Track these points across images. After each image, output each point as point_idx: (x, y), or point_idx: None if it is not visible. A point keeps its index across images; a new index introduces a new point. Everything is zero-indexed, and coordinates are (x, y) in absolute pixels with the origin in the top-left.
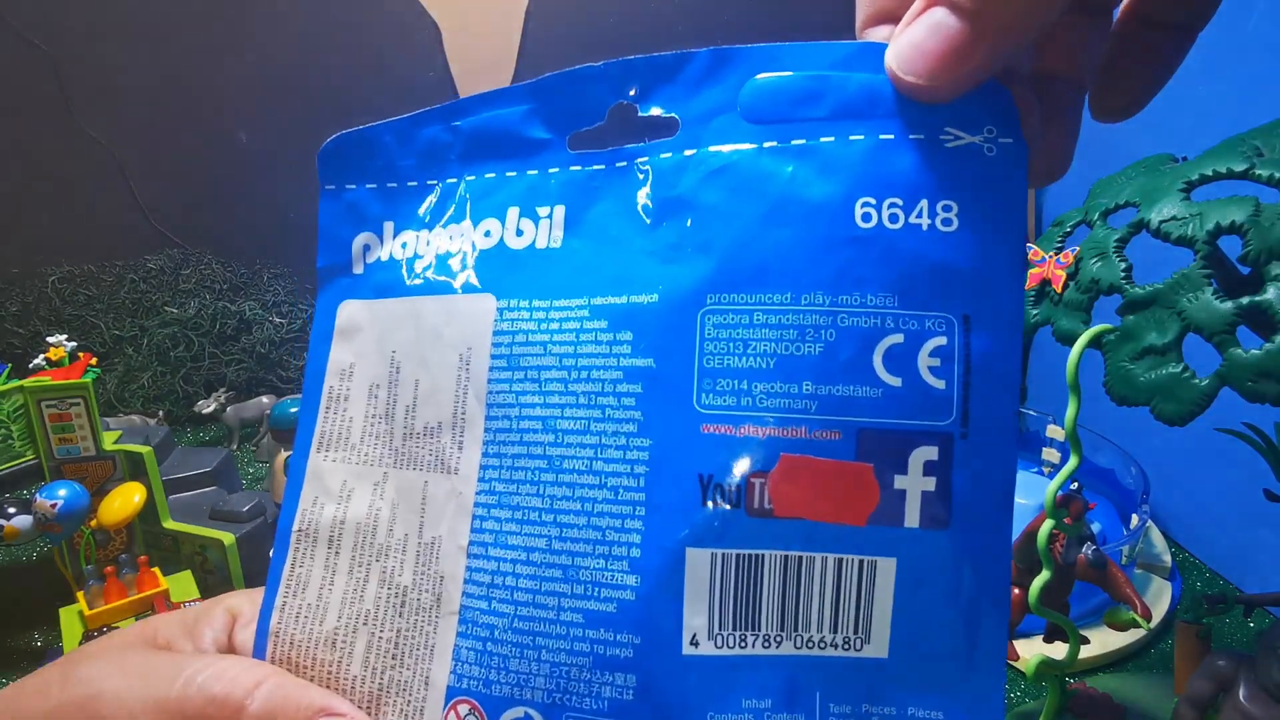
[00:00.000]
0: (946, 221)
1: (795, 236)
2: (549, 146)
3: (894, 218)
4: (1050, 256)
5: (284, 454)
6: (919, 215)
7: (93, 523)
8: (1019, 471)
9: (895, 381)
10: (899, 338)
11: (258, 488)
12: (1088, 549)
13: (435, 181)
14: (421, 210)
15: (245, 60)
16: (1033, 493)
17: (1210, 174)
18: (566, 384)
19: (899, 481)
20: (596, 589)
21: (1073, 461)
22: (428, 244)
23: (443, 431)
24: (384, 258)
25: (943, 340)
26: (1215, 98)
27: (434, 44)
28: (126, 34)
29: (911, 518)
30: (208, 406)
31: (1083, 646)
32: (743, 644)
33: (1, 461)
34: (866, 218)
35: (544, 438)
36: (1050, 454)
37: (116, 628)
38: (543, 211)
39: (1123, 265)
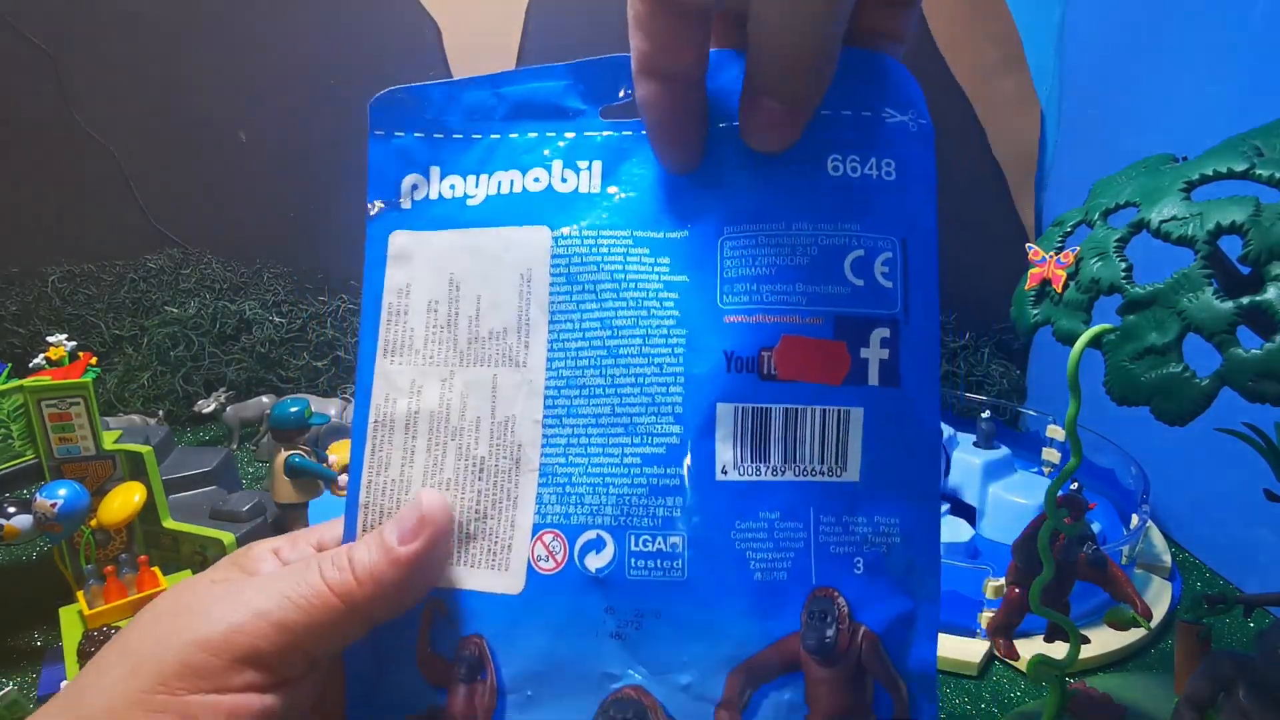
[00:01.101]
0: (888, 173)
1: (785, 183)
2: (584, 115)
3: (854, 169)
4: (1050, 256)
5: (284, 454)
6: (871, 168)
7: (93, 522)
8: (1020, 472)
9: (859, 282)
10: (861, 252)
11: (258, 487)
12: (1088, 548)
13: (480, 135)
14: (468, 158)
15: (245, 60)
16: (1033, 493)
17: (1210, 174)
18: (618, 293)
19: (864, 353)
20: (650, 438)
21: (1073, 461)
22: (477, 185)
23: (508, 335)
24: (432, 196)
25: (890, 254)
26: (1215, 98)
27: (434, 44)
28: (126, 34)
29: (873, 378)
30: (208, 406)
31: (1083, 646)
32: (758, 473)
33: (1, 461)
34: (835, 169)
35: (602, 333)
36: (1050, 454)
37: (117, 628)
38: (582, 164)
39: (1123, 265)
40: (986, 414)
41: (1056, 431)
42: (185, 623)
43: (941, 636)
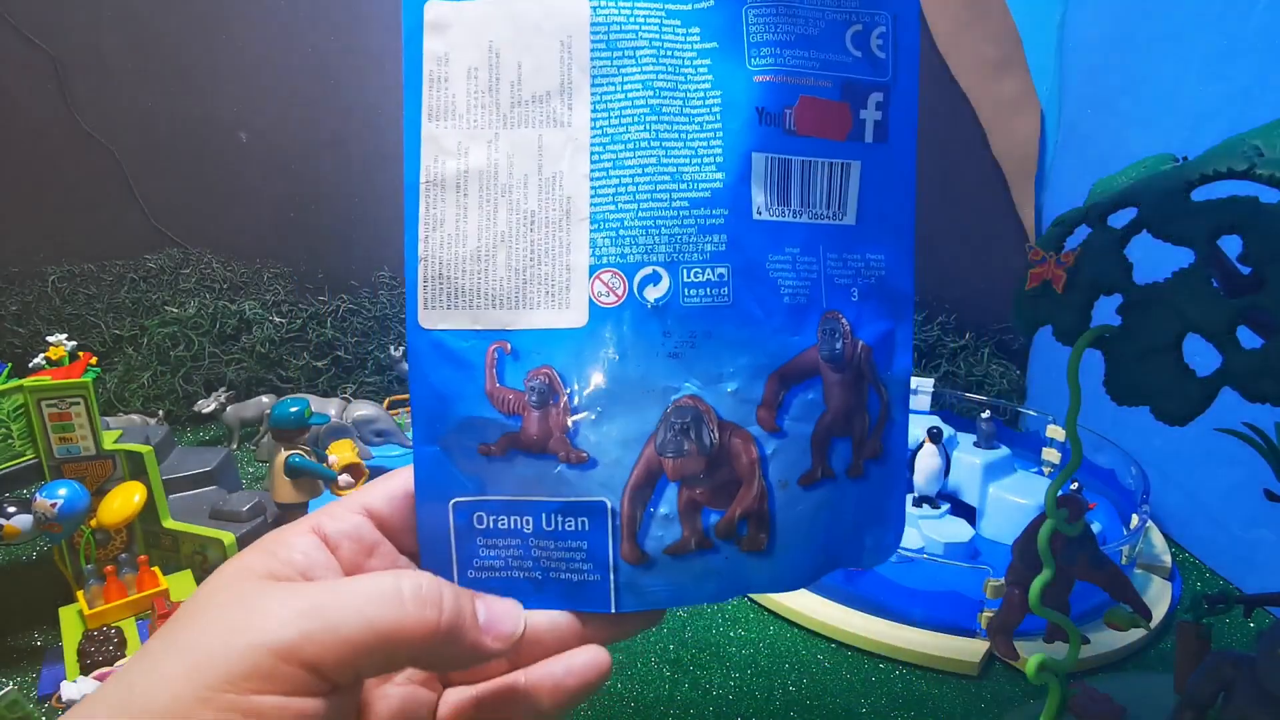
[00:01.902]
0: None
1: None
2: None
3: None
4: (1050, 256)
5: (284, 453)
6: None
7: (93, 522)
8: (1020, 471)
9: (858, 53)
10: (859, 26)
11: (258, 487)
12: (1088, 549)
13: None
14: None
15: (245, 60)
16: (1033, 493)
17: (1210, 174)
18: (657, 58)
19: (862, 114)
20: (696, 184)
21: (1073, 461)
22: None
23: (551, 98)
24: None
25: (884, 28)
26: (1215, 98)
27: None
28: (126, 34)
29: (869, 136)
30: (208, 406)
31: (1083, 646)
32: (783, 214)
33: (1, 461)
34: None
35: (644, 94)
36: (1050, 454)
37: (117, 628)
38: None
39: (1123, 265)
40: (986, 414)
41: (1056, 431)
42: (252, 623)
43: (941, 636)
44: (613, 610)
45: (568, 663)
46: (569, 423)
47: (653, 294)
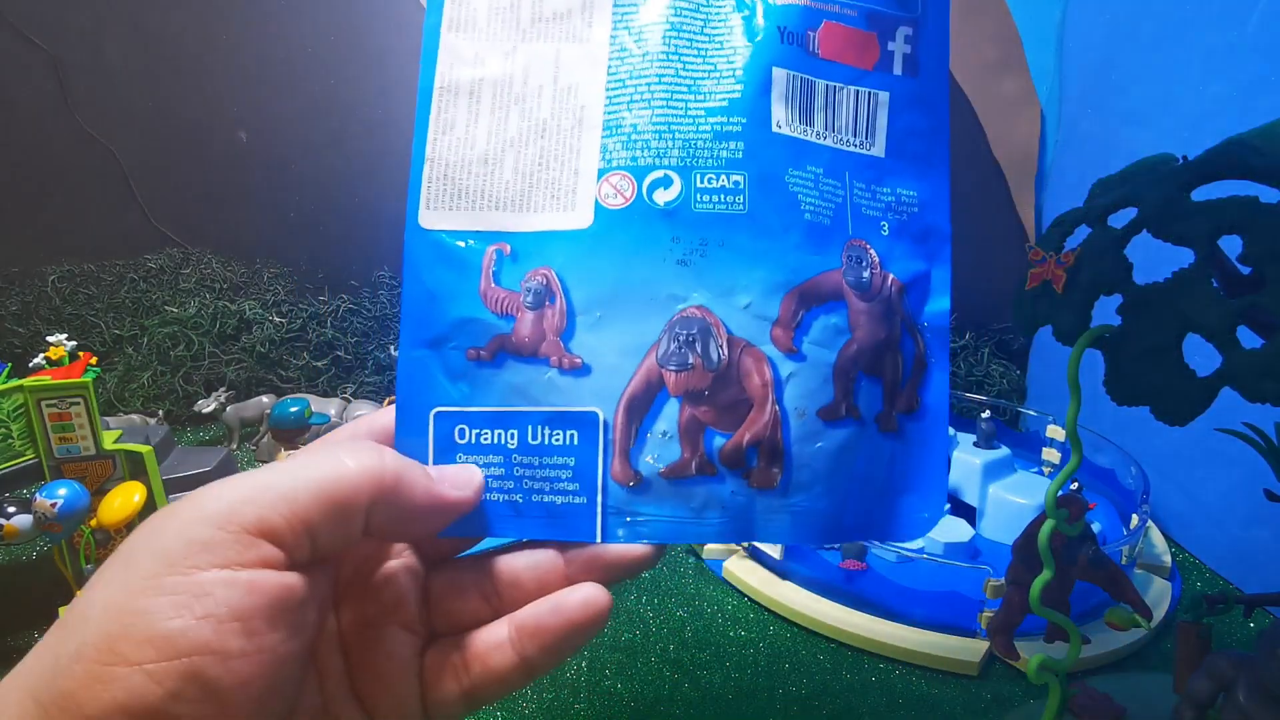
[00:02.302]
0: None
1: None
2: None
3: None
4: (1050, 256)
5: (284, 453)
6: None
7: (93, 522)
8: (1020, 471)
9: None
10: None
11: None
12: (1088, 549)
13: None
14: None
15: (245, 60)
16: (1033, 493)
17: (1211, 174)
18: None
19: (890, 45)
20: (714, 94)
21: (1073, 461)
22: None
23: (571, 16)
24: None
25: None
26: (1215, 98)
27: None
28: (126, 34)
29: (897, 68)
30: (208, 406)
31: (1083, 646)
32: (805, 133)
33: (1, 461)
34: None
35: (665, 11)
36: (1050, 454)
37: None
38: None
39: (1123, 265)
40: (986, 414)
41: (1056, 431)
42: (185, 507)
43: (941, 636)
44: (598, 539)
45: (556, 602)
46: (565, 324)
47: (663, 197)
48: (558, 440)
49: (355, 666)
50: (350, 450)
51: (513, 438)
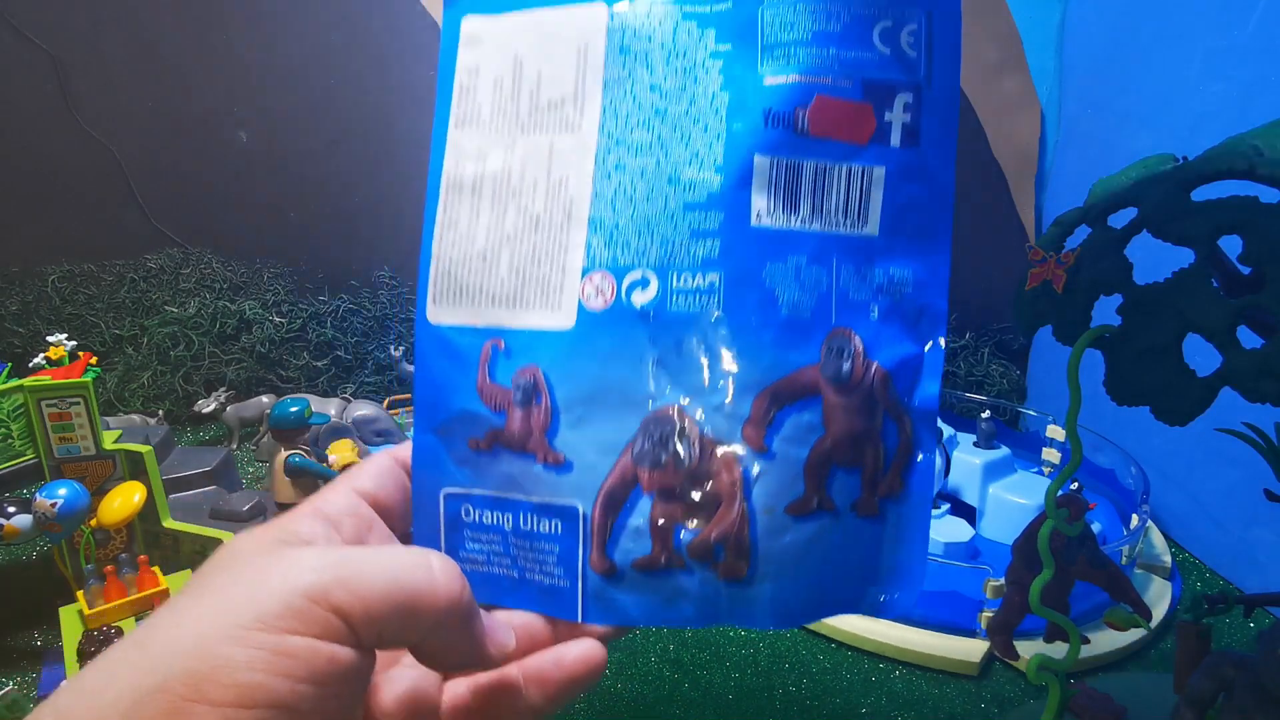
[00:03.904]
0: None
1: None
2: None
3: None
4: (1050, 256)
5: (284, 453)
6: None
7: (93, 522)
8: (1020, 472)
9: (886, 50)
10: (889, 22)
11: (257, 487)
12: (1088, 549)
13: None
14: None
15: (245, 60)
16: (1033, 493)
17: (1210, 174)
18: (668, 61)
19: (887, 116)
20: (693, 187)
21: (1073, 461)
22: None
23: (565, 104)
24: None
25: (915, 25)
26: (1215, 98)
27: (434, 44)
28: (126, 34)
29: (895, 140)
30: (208, 406)
31: (1083, 646)
32: (789, 222)
33: (1, 461)
34: None
35: (653, 97)
36: (1050, 454)
37: (117, 628)
38: None
39: (1123, 265)
40: (986, 414)
41: (1056, 431)
42: (285, 568)
43: (941, 636)
44: (579, 619)
45: (558, 655)
46: (549, 423)
47: (640, 299)
48: (544, 529)
49: (379, 704)
50: (440, 563)
51: (508, 520)
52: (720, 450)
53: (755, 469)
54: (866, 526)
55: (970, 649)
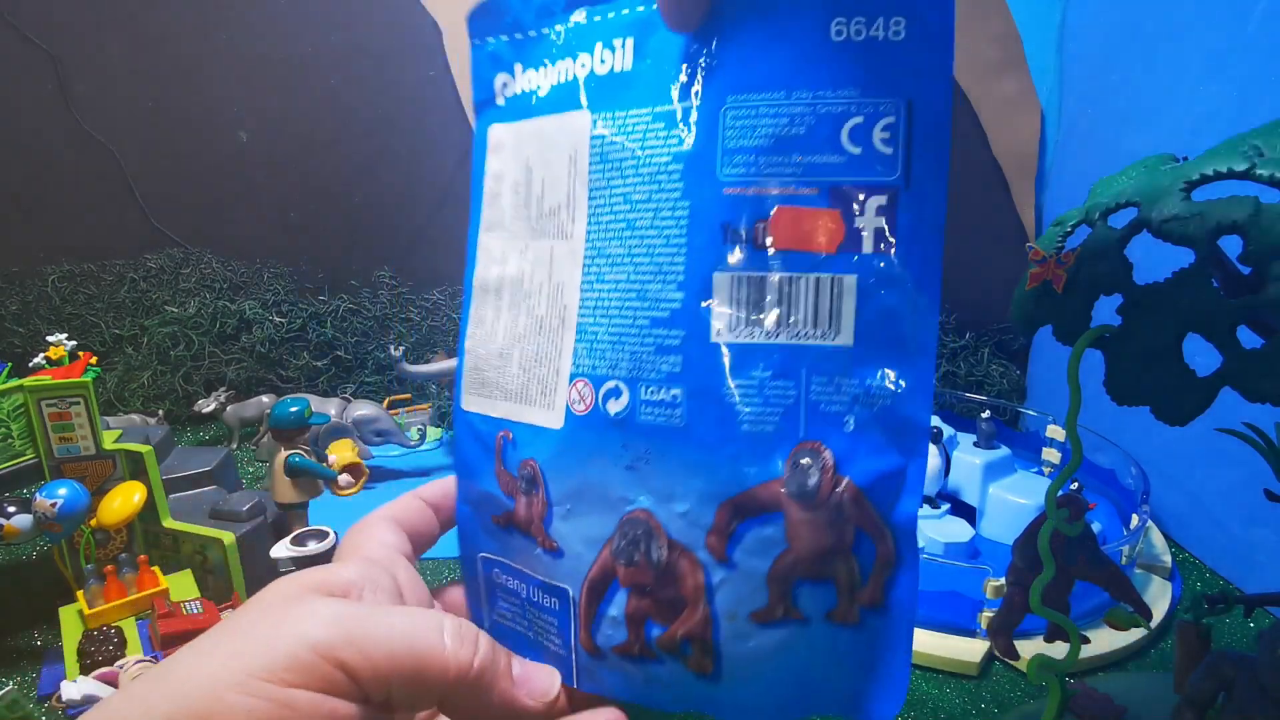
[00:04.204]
0: (896, 32)
1: (788, 49)
2: None
3: (859, 32)
4: (1051, 256)
5: (284, 453)
6: (878, 28)
7: (93, 522)
8: (1020, 472)
9: (857, 150)
10: (860, 119)
11: (257, 487)
12: (1088, 549)
13: (548, 29)
14: (539, 51)
15: (245, 60)
16: (1033, 493)
17: (1211, 174)
18: (637, 168)
19: (859, 221)
20: (657, 302)
21: (1073, 461)
22: (544, 77)
23: (561, 211)
24: (517, 91)
25: (892, 119)
26: (1215, 98)
27: (434, 44)
28: (126, 34)
29: (868, 246)
30: (207, 406)
31: (1083, 646)
32: (751, 336)
33: (1, 461)
34: (839, 33)
35: (624, 207)
36: (1050, 454)
37: (117, 628)
38: (617, 43)
39: (1123, 265)
40: (986, 414)
41: (1056, 431)
42: (297, 621)
43: (941, 636)
44: (574, 686)
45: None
46: (545, 512)
47: (614, 407)
48: (546, 603)
49: None
50: (453, 630)
51: (523, 590)
52: (685, 556)
53: (717, 577)
54: (844, 634)
55: (970, 649)
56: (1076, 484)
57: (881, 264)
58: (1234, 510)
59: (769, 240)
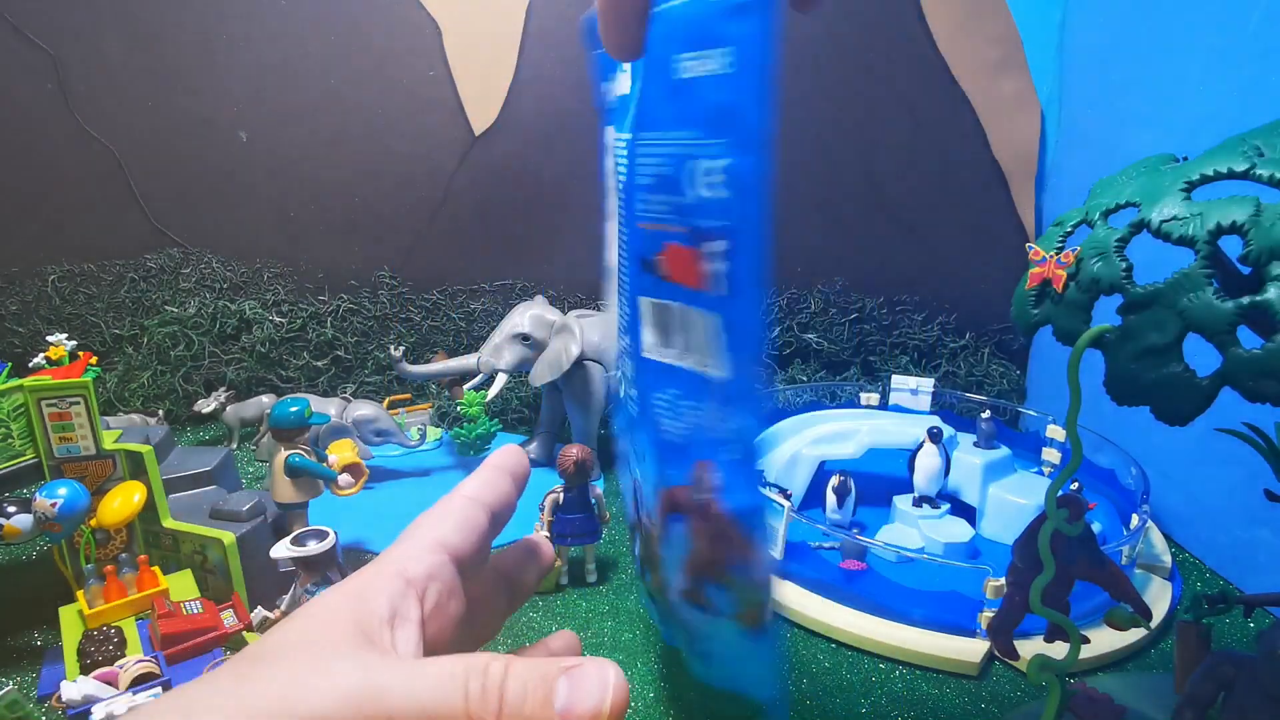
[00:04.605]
0: (728, 65)
1: (661, 88)
2: None
3: (700, 66)
4: (1050, 256)
5: (284, 453)
6: (712, 63)
7: (93, 522)
8: (1020, 471)
9: (703, 193)
10: (701, 160)
11: (258, 487)
12: (1088, 549)
13: None
14: (615, 66)
15: (245, 60)
16: (1033, 493)
17: (1211, 174)
18: (615, 189)
19: (711, 263)
20: (621, 312)
21: (1073, 461)
22: (614, 88)
23: (616, 214)
24: (613, 98)
25: (723, 161)
26: (1215, 98)
27: (434, 44)
28: (126, 34)
29: (720, 288)
30: (208, 406)
31: (1083, 646)
32: (668, 356)
33: (1, 461)
34: (686, 70)
35: (613, 224)
36: (1050, 454)
37: (117, 627)
38: (625, 67)
39: (1123, 265)
40: (986, 414)
41: (1056, 431)
42: (311, 690)
43: (941, 636)
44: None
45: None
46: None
47: (622, 387)
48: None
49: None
50: (477, 690)
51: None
52: (652, 525)
53: (662, 551)
54: (748, 636)
55: (970, 649)
56: (1076, 484)
57: (731, 305)
58: (1234, 510)
59: (665, 272)
